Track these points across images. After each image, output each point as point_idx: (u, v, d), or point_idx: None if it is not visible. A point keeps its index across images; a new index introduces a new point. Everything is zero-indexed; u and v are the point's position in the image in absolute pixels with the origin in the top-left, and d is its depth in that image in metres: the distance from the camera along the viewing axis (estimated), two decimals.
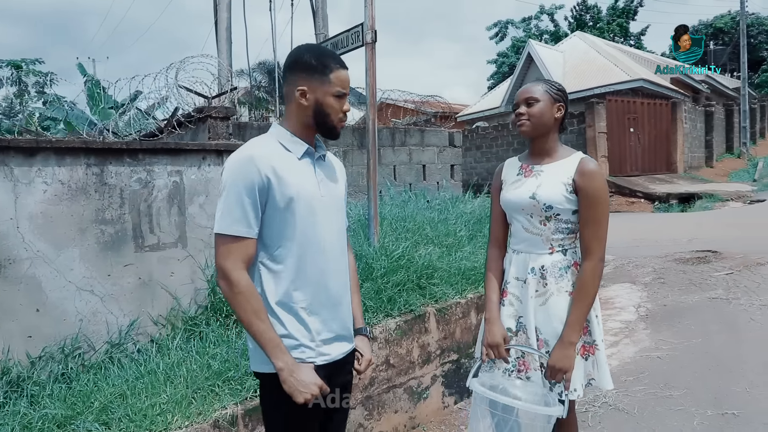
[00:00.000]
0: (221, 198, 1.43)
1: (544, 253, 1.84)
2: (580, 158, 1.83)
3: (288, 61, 1.54)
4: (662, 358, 3.60)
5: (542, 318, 1.83)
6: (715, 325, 4.13)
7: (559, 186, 1.80)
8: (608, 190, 1.85)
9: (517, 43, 34.37)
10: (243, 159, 1.44)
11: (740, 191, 13.83)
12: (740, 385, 3.08)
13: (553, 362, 1.74)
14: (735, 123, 21.90)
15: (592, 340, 1.84)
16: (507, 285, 1.94)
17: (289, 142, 1.51)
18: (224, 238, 1.41)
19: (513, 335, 1.90)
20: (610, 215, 1.83)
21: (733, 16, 31.49)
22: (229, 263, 1.40)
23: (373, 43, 3.86)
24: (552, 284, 1.82)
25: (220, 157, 3.43)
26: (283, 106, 6.83)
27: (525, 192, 1.85)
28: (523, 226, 1.88)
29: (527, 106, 1.84)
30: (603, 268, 1.79)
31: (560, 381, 1.75)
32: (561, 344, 1.74)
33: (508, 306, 1.92)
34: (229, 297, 1.42)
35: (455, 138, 6.96)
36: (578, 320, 1.74)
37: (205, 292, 3.38)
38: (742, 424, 2.65)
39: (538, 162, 1.90)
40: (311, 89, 1.49)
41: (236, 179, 1.41)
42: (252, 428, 2.67)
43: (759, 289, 4.85)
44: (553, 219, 1.82)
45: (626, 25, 33.07)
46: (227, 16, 6.86)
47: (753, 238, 7.12)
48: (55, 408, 2.44)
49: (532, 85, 1.88)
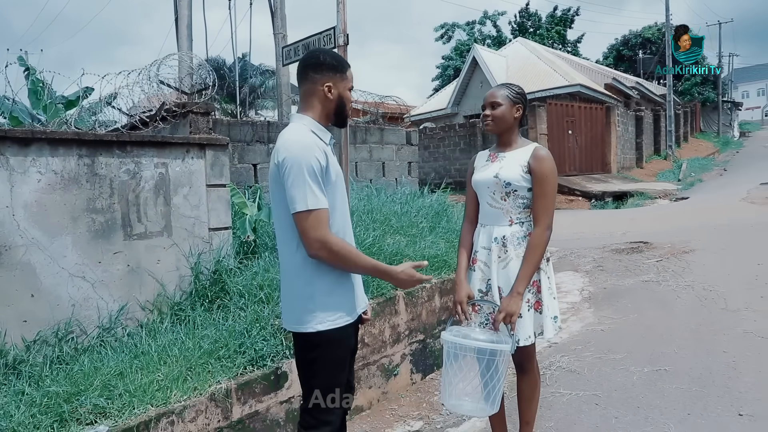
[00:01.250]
0: (295, 180, 1.64)
1: (505, 225, 2.23)
2: (535, 146, 2.25)
3: (311, 62, 1.81)
4: (605, 331, 4.07)
5: (504, 279, 2.21)
6: (647, 302, 4.67)
7: (517, 168, 2.19)
8: (556, 174, 2.24)
9: (461, 46, 35.10)
10: (306, 146, 1.68)
11: (667, 190, 14.96)
12: (670, 348, 3.59)
13: (503, 307, 2.12)
14: (662, 127, 23.42)
15: (541, 297, 2.22)
16: (476, 254, 2.31)
17: (318, 131, 1.78)
18: (311, 212, 1.64)
19: (483, 295, 2.27)
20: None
21: (659, 27, 33.54)
22: (321, 231, 1.65)
23: (345, 46, 4.12)
24: (511, 251, 2.20)
25: (202, 150, 3.59)
26: (232, 105, 7.01)
27: (490, 173, 2.24)
28: (488, 202, 2.27)
29: (492, 108, 2.24)
30: (549, 235, 2.18)
31: (509, 323, 2.11)
32: (510, 293, 2.13)
33: (478, 271, 2.29)
34: (334, 257, 1.68)
35: (412, 137, 7.32)
36: (526, 275, 2.13)
37: (190, 279, 3.53)
38: (672, 376, 3.15)
39: (502, 151, 2.30)
40: (335, 85, 1.78)
41: (308, 161, 1.64)
42: (244, 401, 2.89)
43: (684, 273, 5.47)
44: (512, 195, 2.21)
45: (564, 32, 34.61)
46: (188, 13, 6.90)
47: (678, 231, 7.85)
48: (59, 386, 2.56)
49: (497, 89, 2.29)
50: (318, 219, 1.64)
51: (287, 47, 4.65)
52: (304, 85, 1.81)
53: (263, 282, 3.53)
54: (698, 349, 3.54)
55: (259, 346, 3.06)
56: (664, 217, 10.00)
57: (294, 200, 1.64)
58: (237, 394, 2.86)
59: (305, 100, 1.82)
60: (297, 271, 1.74)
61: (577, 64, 24.25)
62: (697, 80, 34.34)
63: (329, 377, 1.76)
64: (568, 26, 34.78)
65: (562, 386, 3.14)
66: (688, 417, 2.68)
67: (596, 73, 23.17)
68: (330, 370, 1.77)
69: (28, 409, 2.42)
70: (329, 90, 1.78)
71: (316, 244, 1.65)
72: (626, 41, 36.99)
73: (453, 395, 2.10)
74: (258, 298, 3.41)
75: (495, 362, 2.03)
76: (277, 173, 1.69)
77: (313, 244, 1.65)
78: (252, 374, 2.96)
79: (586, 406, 2.89)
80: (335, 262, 1.70)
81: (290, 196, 1.65)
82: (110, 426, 2.43)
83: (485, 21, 36.04)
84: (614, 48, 37.53)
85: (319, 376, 1.77)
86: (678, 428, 2.59)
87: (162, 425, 2.54)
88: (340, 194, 1.80)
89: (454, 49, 35.54)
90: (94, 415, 2.48)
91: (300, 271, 1.75)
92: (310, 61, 1.81)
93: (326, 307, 1.73)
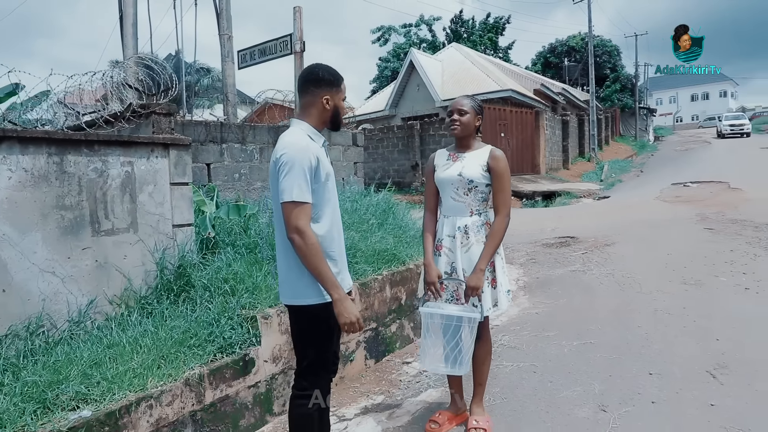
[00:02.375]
0: (288, 175, 1.91)
1: (466, 216, 2.60)
2: (491, 148, 2.64)
3: (311, 78, 2.09)
4: (539, 314, 4.56)
5: (467, 261, 2.57)
6: (575, 289, 5.22)
7: (477, 167, 2.56)
8: (509, 171, 2.62)
9: (398, 49, 35.61)
10: (302, 147, 1.95)
11: (591, 189, 16.05)
12: (594, 325, 4.12)
13: (468, 282, 2.49)
14: (586, 131, 24.93)
15: (496, 275, 2.61)
16: (441, 241, 2.65)
17: (314, 135, 2.07)
18: (297, 204, 1.90)
19: (448, 275, 2.61)
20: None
21: (583, 37, 35.49)
22: (301, 222, 1.90)
23: (302, 53, 4.36)
24: (472, 237, 2.57)
25: (166, 150, 3.72)
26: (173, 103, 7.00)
27: (454, 171, 2.59)
28: (452, 196, 2.62)
29: (459, 114, 2.59)
30: (508, 221, 2.58)
31: (475, 296, 2.49)
32: (474, 270, 2.50)
33: (443, 256, 2.63)
34: (302, 247, 1.91)
35: (358, 138, 7.61)
36: (487, 255, 2.50)
37: (155, 274, 3.66)
38: (596, 348, 3.65)
39: (462, 152, 2.66)
40: (332, 97, 2.07)
41: (300, 161, 1.91)
42: (216, 386, 3.08)
43: (606, 263, 6.10)
44: (473, 190, 2.58)
45: (496, 39, 35.86)
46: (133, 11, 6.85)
47: (601, 227, 8.58)
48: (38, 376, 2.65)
49: (463, 99, 2.65)
50: (300, 210, 1.91)
51: (243, 51, 4.82)
52: (304, 97, 2.10)
53: (227, 275, 3.71)
54: (617, 325, 4.09)
55: (227, 335, 3.26)
56: (589, 214, 10.77)
57: (283, 191, 1.91)
58: (209, 380, 3.04)
59: (305, 109, 2.11)
60: (293, 252, 2.00)
61: (509, 69, 25.35)
62: (616, 87, 36.62)
63: (320, 346, 2.04)
64: (500, 33, 36.07)
65: (505, 360, 3.55)
66: (610, 377, 3.19)
67: (526, 79, 24.35)
68: (320, 339, 2.04)
69: (9, 398, 2.51)
70: (327, 102, 2.07)
71: (294, 231, 1.92)
72: (553, 49, 38.69)
73: (431, 361, 2.45)
74: (223, 291, 3.59)
75: (461, 330, 2.38)
76: (274, 169, 1.95)
77: (291, 230, 1.92)
78: (222, 361, 3.15)
79: (526, 374, 3.33)
80: (302, 252, 1.93)
81: (281, 188, 1.92)
82: (93, 411, 2.57)
83: (421, 24, 36.65)
84: (542, 55, 39.08)
85: (311, 344, 2.03)
86: (602, 386, 3.08)
87: (141, 409, 2.69)
88: (331, 192, 2.08)
89: (391, 51, 36.03)
90: (76, 402, 2.60)
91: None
92: (310, 77, 2.10)
93: (317, 284, 2.00)
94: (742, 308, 4.22)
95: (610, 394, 2.95)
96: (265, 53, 4.65)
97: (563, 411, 2.81)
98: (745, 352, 3.38)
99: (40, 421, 2.43)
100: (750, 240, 6.59)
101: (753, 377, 3.05)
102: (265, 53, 4.65)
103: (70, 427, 2.43)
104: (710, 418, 2.65)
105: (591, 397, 2.93)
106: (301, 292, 2.02)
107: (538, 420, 2.76)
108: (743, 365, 3.21)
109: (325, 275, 1.95)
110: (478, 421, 2.65)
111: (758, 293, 4.55)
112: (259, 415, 3.36)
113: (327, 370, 2.10)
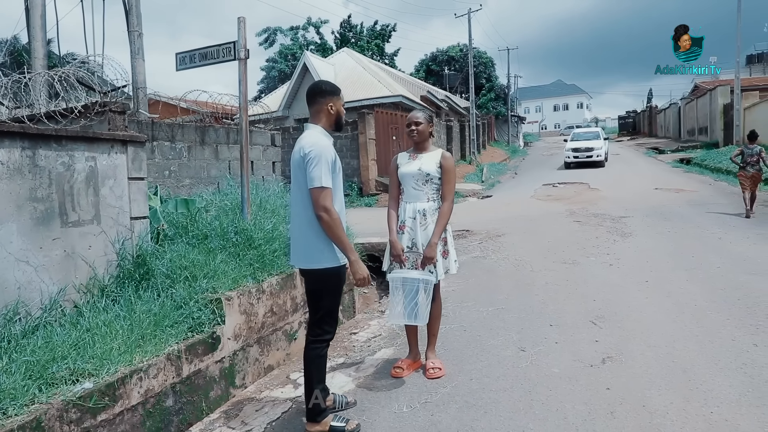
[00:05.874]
0: (317, 166, 2.41)
1: (424, 202, 3.25)
2: (442, 151, 3.33)
3: (317, 90, 2.62)
4: (455, 291, 5.36)
5: (424, 237, 3.22)
6: (480, 271, 6.12)
7: (433, 165, 3.23)
8: (455, 166, 3.32)
9: (285, 50, 35.52)
10: (325, 144, 2.46)
11: (475, 189, 17.53)
12: (502, 296, 5.01)
13: (426, 254, 3.14)
14: (466, 136, 26.91)
15: (447, 248, 3.29)
16: (404, 222, 3.28)
17: (327, 136, 2.57)
18: (324, 189, 2.41)
19: (409, 249, 3.24)
20: (377, 207, 3.40)
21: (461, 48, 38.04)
22: (327, 202, 2.41)
23: (246, 60, 4.73)
24: (429, 218, 3.22)
25: (124, 146, 3.92)
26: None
27: (414, 167, 3.24)
28: (412, 186, 3.26)
29: (416, 125, 3.25)
30: (452, 206, 3.27)
31: (431, 264, 3.14)
32: (428, 245, 3.16)
33: (406, 234, 3.26)
34: (329, 221, 2.42)
35: (276, 139, 7.98)
36: (438, 231, 3.17)
37: (116, 263, 3.86)
38: (507, 311, 4.52)
39: (420, 153, 3.32)
40: (335, 104, 2.60)
41: (325, 155, 2.42)
42: (190, 361, 3.43)
43: (500, 250, 7.12)
44: (429, 182, 3.23)
45: (382, 46, 37.19)
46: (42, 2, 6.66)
47: (489, 221, 9.72)
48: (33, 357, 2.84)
49: (418, 113, 3.33)
50: (327, 194, 2.44)
51: (182, 53, 5.03)
52: (314, 105, 2.63)
53: (186, 263, 4.01)
54: (520, 295, 5.01)
55: (196, 315, 3.61)
56: (477, 211, 11.92)
57: (313, 179, 2.42)
58: (185, 355, 3.39)
59: (315, 115, 2.64)
60: (310, 224, 2.51)
61: (397, 76, 26.62)
62: (491, 96, 39.68)
63: (331, 301, 2.56)
64: (386, 40, 37.46)
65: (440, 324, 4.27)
66: (522, 330, 4.06)
67: (413, 86, 25.75)
68: (332, 296, 2.57)
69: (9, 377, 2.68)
70: (331, 108, 2.60)
71: (322, 210, 2.43)
72: (434, 57, 40.81)
73: (397, 316, 3.06)
74: (183, 277, 3.89)
75: (420, 290, 3.02)
76: (301, 161, 2.45)
77: (320, 209, 2.43)
78: (194, 338, 3.51)
79: (458, 333, 4.09)
80: (328, 225, 2.48)
81: (311, 177, 2.42)
82: (94, 383, 2.83)
83: (309, 27, 36.86)
84: (424, 63, 41.04)
85: (324, 300, 2.55)
86: (517, 336, 3.94)
87: (133, 381, 3.00)
88: (340, 181, 2.61)
89: (278, 53, 35.80)
90: (75, 376, 2.85)
91: (313, 224, 2.51)
92: (317, 89, 2.64)
93: (330, 251, 2.52)
94: (609, 278, 5.38)
95: (525, 340, 3.82)
96: (207, 57, 4.86)
97: (493, 353, 3.64)
98: (614, 308, 4.45)
99: (46, 394, 2.65)
100: (609, 229, 8.05)
101: (621, 322, 4.11)
102: (207, 57, 4.86)
103: (79, 397, 2.70)
104: (596, 349, 3.63)
105: (511, 343, 3.78)
106: (318, 257, 2.54)
107: (477, 360, 3.55)
108: (613, 315, 4.27)
109: (345, 243, 2.49)
110: (434, 363, 3.38)
111: (619, 268, 5.78)
112: (225, 388, 3.73)
113: (334, 319, 2.63)
